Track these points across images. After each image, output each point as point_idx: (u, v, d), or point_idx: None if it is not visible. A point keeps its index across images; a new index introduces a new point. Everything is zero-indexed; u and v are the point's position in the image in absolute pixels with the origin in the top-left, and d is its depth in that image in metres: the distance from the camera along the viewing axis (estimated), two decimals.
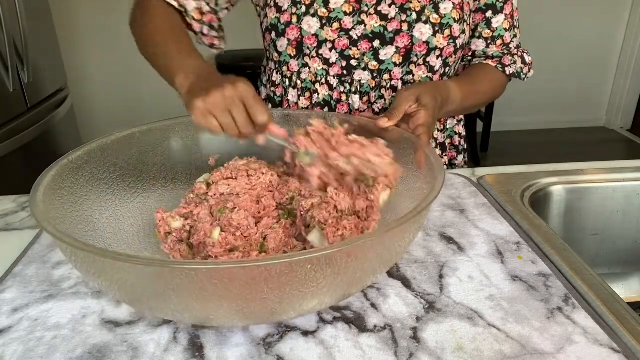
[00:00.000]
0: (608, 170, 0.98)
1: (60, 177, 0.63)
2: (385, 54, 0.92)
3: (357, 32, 0.91)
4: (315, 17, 0.90)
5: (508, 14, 0.97)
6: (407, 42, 0.91)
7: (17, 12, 1.85)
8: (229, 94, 0.62)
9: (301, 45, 0.93)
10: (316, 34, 0.91)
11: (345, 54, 0.93)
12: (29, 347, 0.56)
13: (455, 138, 1.10)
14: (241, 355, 0.55)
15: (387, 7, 0.90)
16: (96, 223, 0.66)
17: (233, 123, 0.63)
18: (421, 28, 0.90)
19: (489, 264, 0.70)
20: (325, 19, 0.90)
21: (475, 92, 0.96)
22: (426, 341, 0.56)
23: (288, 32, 0.92)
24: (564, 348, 0.55)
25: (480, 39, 0.99)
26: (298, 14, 0.91)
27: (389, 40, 0.91)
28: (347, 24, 0.91)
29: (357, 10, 0.90)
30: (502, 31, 0.98)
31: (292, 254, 0.46)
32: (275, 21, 0.93)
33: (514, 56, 1.00)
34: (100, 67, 3.19)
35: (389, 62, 0.93)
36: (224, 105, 0.62)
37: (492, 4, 0.95)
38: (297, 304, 0.51)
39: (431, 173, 0.63)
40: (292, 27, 0.92)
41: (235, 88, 0.62)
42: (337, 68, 0.94)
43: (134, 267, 0.47)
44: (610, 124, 3.84)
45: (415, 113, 0.78)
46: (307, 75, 0.96)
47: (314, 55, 0.94)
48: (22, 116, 1.93)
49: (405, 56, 0.92)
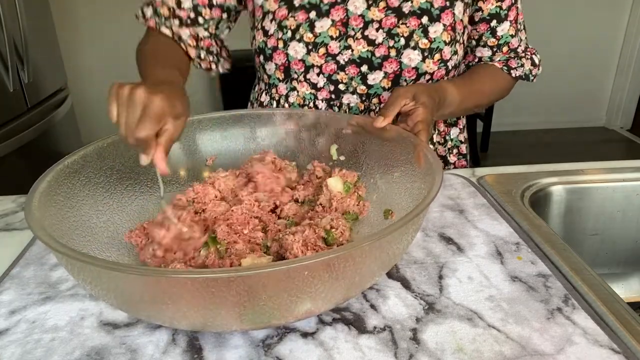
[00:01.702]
0: (608, 170, 0.98)
1: (56, 182, 0.62)
2: (373, 78, 0.91)
3: (344, 57, 0.90)
4: (301, 42, 0.89)
5: (513, 19, 0.95)
6: (395, 68, 0.90)
7: (17, 12, 1.85)
8: (137, 95, 0.58)
9: (288, 69, 0.92)
10: (303, 59, 0.90)
11: (333, 78, 0.92)
12: (27, 350, 0.56)
13: (461, 147, 1.09)
14: (240, 357, 0.54)
15: (374, 32, 0.89)
16: (93, 228, 0.65)
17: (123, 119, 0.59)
18: (410, 54, 0.89)
19: (489, 264, 0.69)
20: (312, 44, 0.89)
21: (476, 93, 0.95)
22: (426, 342, 0.56)
23: (275, 57, 0.92)
24: (564, 349, 0.54)
25: (486, 47, 0.98)
26: (284, 39, 0.90)
27: (377, 65, 0.90)
28: (334, 48, 0.89)
29: (344, 34, 0.89)
30: (508, 38, 0.96)
31: (289, 261, 0.46)
32: (262, 45, 0.92)
33: (522, 59, 0.99)
34: (100, 67, 3.19)
35: (378, 87, 0.92)
36: (125, 101, 0.59)
37: (496, 13, 0.93)
38: (295, 310, 0.51)
39: (429, 172, 0.63)
40: (278, 52, 0.91)
41: (147, 94, 0.58)
42: (325, 92, 0.93)
43: (129, 277, 0.47)
44: (610, 124, 3.84)
45: (414, 111, 0.77)
46: (295, 98, 0.96)
47: (301, 79, 0.93)
48: (22, 116, 1.93)
49: (394, 81, 0.91)
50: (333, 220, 0.67)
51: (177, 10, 0.93)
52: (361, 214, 0.73)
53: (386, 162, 0.76)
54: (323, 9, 0.88)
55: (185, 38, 0.93)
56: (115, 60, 3.19)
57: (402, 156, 0.73)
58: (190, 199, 0.74)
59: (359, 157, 0.80)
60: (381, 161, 0.77)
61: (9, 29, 1.80)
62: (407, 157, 0.71)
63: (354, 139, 0.81)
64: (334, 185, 0.73)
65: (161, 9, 0.92)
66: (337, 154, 0.82)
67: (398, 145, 0.74)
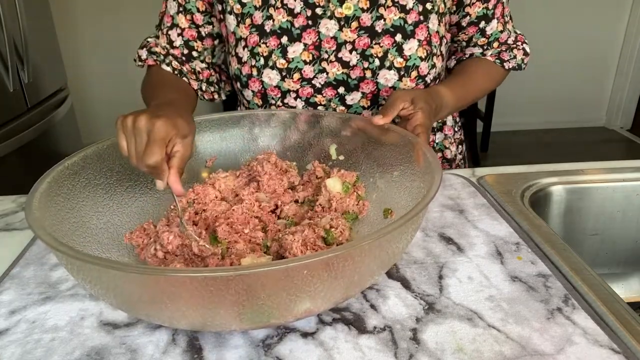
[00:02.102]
0: (608, 170, 0.98)
1: (56, 183, 0.63)
2: (351, 99, 0.91)
3: (319, 80, 0.89)
4: (274, 69, 0.89)
5: (499, 16, 0.95)
6: (372, 88, 0.89)
7: (17, 12, 1.85)
8: (141, 124, 0.60)
9: (265, 96, 0.92)
10: (278, 85, 0.90)
11: (310, 101, 0.91)
12: (27, 350, 0.56)
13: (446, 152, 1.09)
14: (240, 357, 0.54)
15: (347, 54, 0.88)
16: (93, 228, 0.65)
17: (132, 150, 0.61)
18: (385, 74, 0.88)
19: (489, 264, 0.69)
20: (285, 70, 0.89)
21: (470, 91, 0.95)
22: (426, 342, 0.56)
23: (250, 84, 0.91)
24: (564, 349, 0.54)
25: (476, 47, 0.98)
26: (257, 66, 0.89)
27: (354, 86, 0.90)
28: (308, 73, 0.89)
29: (317, 58, 0.88)
30: (497, 34, 0.97)
31: (288, 260, 0.46)
32: (237, 72, 0.92)
33: (513, 50, 0.99)
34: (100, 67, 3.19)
35: (357, 106, 0.92)
36: (131, 130, 0.60)
37: (483, 14, 0.93)
38: (294, 309, 0.51)
39: (429, 171, 0.63)
40: (253, 79, 0.91)
41: (150, 121, 0.60)
42: None
43: (129, 275, 0.47)
44: (610, 124, 3.84)
45: (413, 115, 0.77)
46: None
47: (279, 104, 0.93)
48: (22, 116, 1.93)
49: (373, 100, 0.91)
50: (332, 219, 0.67)
51: (170, 50, 0.94)
52: (361, 214, 0.73)
53: (385, 162, 0.76)
54: (294, 33, 0.87)
55: (185, 73, 0.94)
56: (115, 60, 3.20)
57: (401, 155, 0.73)
58: (191, 200, 0.74)
59: (358, 156, 0.80)
60: (380, 160, 0.77)
61: (9, 29, 1.80)
62: (406, 157, 0.71)
63: (353, 138, 0.81)
64: (332, 185, 0.73)
65: (156, 49, 0.94)
66: (337, 153, 0.82)
67: (397, 145, 0.74)
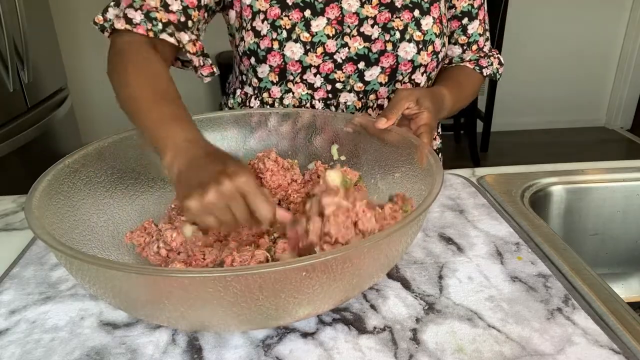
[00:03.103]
0: (608, 170, 0.98)
1: (56, 182, 0.62)
2: (370, 74, 0.91)
3: (341, 55, 0.89)
4: (298, 42, 0.88)
5: (482, 19, 0.98)
6: (392, 62, 0.90)
7: (17, 12, 1.85)
8: (227, 190, 0.54)
9: (284, 71, 0.90)
10: (300, 60, 0.89)
11: (330, 77, 0.91)
12: (27, 350, 0.56)
13: None
14: (240, 357, 0.54)
15: (369, 28, 0.89)
16: (94, 227, 0.65)
17: (232, 219, 0.56)
18: (405, 47, 0.89)
19: (489, 264, 0.69)
20: (309, 44, 0.88)
21: (463, 96, 0.97)
22: (426, 342, 0.56)
23: (269, 59, 0.89)
24: (564, 349, 0.54)
25: (457, 45, 1.00)
26: (279, 39, 0.87)
27: (374, 60, 0.90)
28: (331, 47, 0.89)
29: (340, 32, 0.88)
30: (476, 36, 0.98)
31: (287, 262, 0.46)
32: (254, 46, 0.89)
33: (490, 58, 1.01)
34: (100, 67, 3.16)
35: (375, 83, 0.92)
36: (222, 204, 0.54)
37: (467, 11, 0.95)
38: (292, 311, 0.51)
39: (430, 173, 0.63)
40: (273, 53, 0.88)
41: (233, 182, 0.54)
42: (322, 92, 0.93)
43: (128, 275, 0.47)
44: (610, 124, 3.84)
45: (418, 115, 0.77)
46: (290, 100, 0.94)
47: (297, 80, 0.92)
48: (22, 116, 1.93)
49: (391, 75, 0.91)
50: None
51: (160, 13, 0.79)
52: None
53: (387, 163, 0.76)
54: (317, 7, 0.88)
55: (185, 43, 0.81)
56: None
57: (403, 157, 0.73)
58: None
59: (360, 157, 0.80)
60: (382, 162, 0.77)
61: (9, 29, 1.79)
62: (408, 158, 0.71)
63: (355, 139, 0.81)
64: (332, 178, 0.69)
65: (157, 14, 0.78)
66: (338, 154, 0.82)
67: (399, 146, 0.74)
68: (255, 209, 0.56)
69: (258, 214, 0.56)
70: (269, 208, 0.56)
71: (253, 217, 0.56)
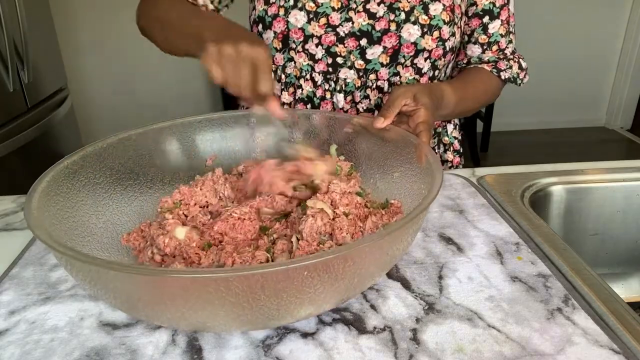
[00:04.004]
0: (608, 170, 0.97)
1: (55, 183, 0.62)
2: (372, 53, 0.91)
3: (344, 29, 0.90)
4: (302, 10, 0.90)
5: (504, 19, 0.96)
6: (394, 42, 0.90)
7: (17, 12, 1.85)
8: (243, 51, 0.61)
9: (287, 38, 0.92)
10: (302, 27, 0.91)
11: (331, 50, 0.92)
12: (26, 350, 0.56)
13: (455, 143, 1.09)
14: (240, 357, 0.54)
15: (375, 6, 0.90)
16: (93, 228, 0.65)
17: (237, 79, 0.62)
18: (409, 28, 0.89)
19: (489, 264, 0.69)
20: (313, 13, 0.90)
21: (470, 96, 0.96)
22: (426, 342, 0.56)
23: (275, 25, 0.92)
24: (564, 349, 0.54)
25: (476, 45, 0.99)
26: (286, 6, 0.90)
27: (376, 39, 0.90)
28: (335, 20, 0.90)
29: (345, 6, 0.90)
30: (498, 37, 0.97)
31: (289, 261, 0.46)
32: (262, 13, 0.92)
33: (510, 61, 1.00)
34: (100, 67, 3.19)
35: (376, 62, 0.92)
36: (234, 59, 0.62)
37: (489, 9, 0.95)
38: (294, 310, 0.51)
39: (429, 173, 0.63)
40: (279, 19, 0.91)
41: (252, 48, 0.62)
42: (322, 65, 0.93)
43: (128, 276, 0.47)
44: (610, 124, 3.84)
45: (415, 111, 0.77)
46: (292, 70, 0.96)
47: (299, 49, 0.93)
48: (22, 116, 1.93)
49: (393, 57, 0.92)
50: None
51: None
52: None
53: (386, 163, 0.76)
54: None
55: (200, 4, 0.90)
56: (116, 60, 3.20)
57: (402, 157, 0.73)
58: (177, 201, 0.74)
59: (359, 157, 0.80)
60: (381, 161, 0.77)
61: (9, 29, 1.79)
62: (407, 158, 0.71)
63: (354, 139, 0.81)
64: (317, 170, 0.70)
65: None
66: (337, 154, 0.82)
67: (398, 146, 0.74)
68: (258, 79, 0.62)
69: (258, 84, 0.62)
70: (269, 85, 0.63)
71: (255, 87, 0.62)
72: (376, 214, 0.67)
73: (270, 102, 0.65)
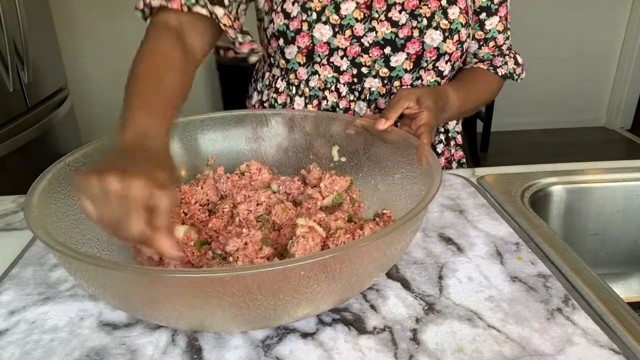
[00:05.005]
0: (608, 170, 0.97)
1: (56, 181, 0.62)
2: (396, 60, 0.92)
3: (368, 39, 0.90)
4: (327, 24, 0.89)
5: (502, 16, 0.97)
6: (418, 48, 0.91)
7: (17, 12, 1.85)
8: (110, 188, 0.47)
9: (312, 53, 0.91)
10: (328, 41, 0.90)
11: (356, 61, 0.92)
12: (26, 350, 0.56)
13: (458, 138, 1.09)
14: (240, 357, 0.54)
15: (397, 14, 0.90)
16: (93, 226, 0.64)
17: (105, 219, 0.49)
18: (432, 34, 0.90)
19: (489, 264, 0.69)
20: (338, 26, 0.89)
21: (472, 97, 0.96)
22: (426, 343, 0.56)
23: (298, 40, 0.90)
24: (564, 349, 0.54)
25: (473, 40, 0.99)
26: (309, 21, 0.89)
27: (400, 46, 0.91)
28: (359, 31, 0.90)
29: (368, 16, 0.89)
30: (495, 33, 0.98)
31: (285, 261, 0.46)
32: (283, 28, 0.90)
33: (505, 57, 1.01)
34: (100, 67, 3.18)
35: (400, 69, 0.92)
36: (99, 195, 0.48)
37: (486, 6, 0.96)
38: (291, 310, 0.51)
39: (429, 175, 0.63)
40: (302, 34, 0.90)
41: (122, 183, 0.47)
42: (347, 76, 0.93)
43: (126, 275, 0.47)
44: (610, 124, 3.84)
45: (418, 114, 0.78)
46: (316, 82, 0.95)
47: (324, 63, 0.92)
48: (22, 116, 1.93)
49: (416, 62, 0.92)
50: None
51: None
52: (355, 215, 0.73)
53: (387, 164, 0.76)
54: None
55: (220, 16, 0.79)
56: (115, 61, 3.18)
57: (403, 158, 0.73)
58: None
59: (360, 158, 0.80)
60: (382, 163, 0.77)
61: (9, 29, 1.79)
62: (408, 159, 0.71)
63: (356, 140, 0.81)
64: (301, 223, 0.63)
65: None
66: (339, 155, 0.82)
67: (399, 147, 0.74)
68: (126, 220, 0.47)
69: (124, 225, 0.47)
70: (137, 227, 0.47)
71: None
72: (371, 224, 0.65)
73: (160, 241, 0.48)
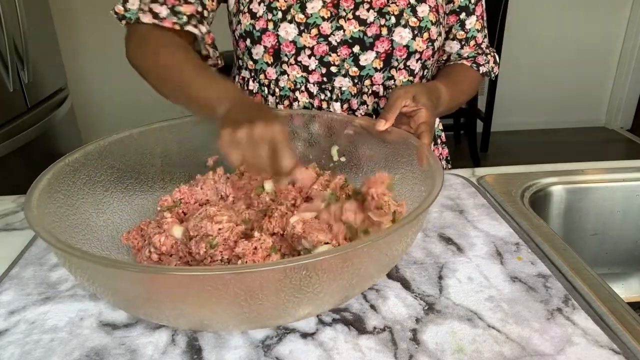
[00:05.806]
0: (608, 170, 0.98)
1: (56, 180, 0.62)
2: (365, 59, 0.91)
3: (336, 37, 0.89)
4: (292, 23, 0.88)
5: (479, 15, 0.98)
6: (387, 47, 0.90)
7: (17, 12, 1.85)
8: (258, 132, 0.60)
9: (278, 52, 0.91)
10: (294, 40, 0.89)
11: (324, 60, 0.91)
12: (26, 350, 0.56)
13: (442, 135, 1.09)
14: (240, 357, 0.54)
15: (365, 12, 0.89)
16: (93, 226, 0.65)
17: (256, 161, 0.61)
18: (401, 32, 0.89)
19: (489, 265, 0.69)
20: (303, 25, 0.88)
21: (460, 93, 0.97)
22: (426, 343, 0.56)
23: (264, 39, 0.90)
24: (564, 349, 0.54)
25: (455, 41, 1.00)
26: (274, 20, 0.88)
27: (369, 45, 0.90)
28: (326, 29, 0.89)
29: (335, 15, 0.89)
30: (474, 32, 0.99)
31: (287, 260, 0.45)
32: (249, 28, 0.90)
33: (487, 55, 1.02)
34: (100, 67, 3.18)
35: (370, 68, 0.92)
36: (250, 142, 0.60)
37: (465, 5, 0.96)
38: (292, 310, 0.51)
39: (430, 175, 0.63)
40: (268, 33, 0.89)
41: (266, 127, 0.60)
42: (317, 75, 0.92)
43: (126, 274, 0.47)
44: (610, 124, 3.84)
45: (416, 112, 0.77)
46: (285, 82, 0.94)
47: (292, 62, 0.92)
48: (22, 116, 1.93)
49: (386, 61, 0.91)
50: None
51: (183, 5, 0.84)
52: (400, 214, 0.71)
53: (387, 164, 0.76)
54: None
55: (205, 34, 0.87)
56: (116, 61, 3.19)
57: (403, 158, 0.73)
58: (177, 200, 0.74)
59: (360, 158, 0.80)
60: (382, 163, 0.77)
61: (9, 29, 1.79)
62: (408, 159, 0.71)
63: (355, 140, 0.81)
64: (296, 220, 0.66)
65: (181, 7, 0.83)
66: (338, 155, 0.82)
67: (399, 148, 0.74)
68: (280, 157, 0.61)
69: (280, 162, 0.61)
70: (291, 160, 0.61)
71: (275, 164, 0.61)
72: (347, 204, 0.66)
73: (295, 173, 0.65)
